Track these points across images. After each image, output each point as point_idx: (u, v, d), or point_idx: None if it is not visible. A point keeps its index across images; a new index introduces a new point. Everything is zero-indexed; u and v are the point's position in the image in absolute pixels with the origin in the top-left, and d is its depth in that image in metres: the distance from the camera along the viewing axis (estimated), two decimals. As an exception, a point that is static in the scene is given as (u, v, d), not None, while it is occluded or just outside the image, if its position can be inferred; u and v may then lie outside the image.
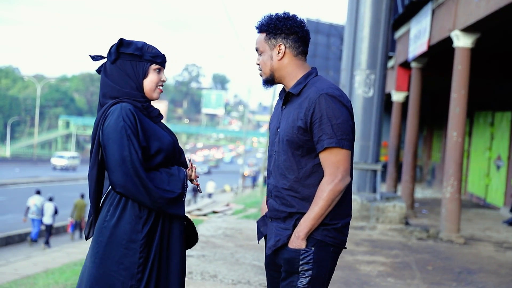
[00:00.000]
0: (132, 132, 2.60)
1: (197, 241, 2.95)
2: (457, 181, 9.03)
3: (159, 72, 2.81)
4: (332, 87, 2.60)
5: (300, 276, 2.57)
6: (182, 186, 2.73)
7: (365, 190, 9.81)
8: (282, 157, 2.64)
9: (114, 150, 2.59)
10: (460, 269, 7.04)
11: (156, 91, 2.82)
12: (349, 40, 10.01)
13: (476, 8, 8.30)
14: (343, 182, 2.55)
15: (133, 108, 2.67)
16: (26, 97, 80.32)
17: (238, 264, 6.44)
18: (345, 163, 2.57)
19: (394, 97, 14.68)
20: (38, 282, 8.35)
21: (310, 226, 2.55)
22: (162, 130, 2.78)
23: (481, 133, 16.53)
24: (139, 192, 2.58)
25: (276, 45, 2.67)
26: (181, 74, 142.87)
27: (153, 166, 2.69)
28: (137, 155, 2.58)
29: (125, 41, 2.76)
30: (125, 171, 2.57)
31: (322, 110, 2.54)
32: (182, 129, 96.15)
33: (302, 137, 2.58)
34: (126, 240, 2.63)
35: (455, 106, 9.02)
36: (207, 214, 11.61)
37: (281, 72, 2.70)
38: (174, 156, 2.80)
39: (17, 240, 17.11)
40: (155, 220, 2.68)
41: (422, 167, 23.79)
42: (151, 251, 2.66)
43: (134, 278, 2.62)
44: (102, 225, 2.67)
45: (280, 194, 2.65)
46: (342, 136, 2.55)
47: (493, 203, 14.85)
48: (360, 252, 7.57)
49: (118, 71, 2.73)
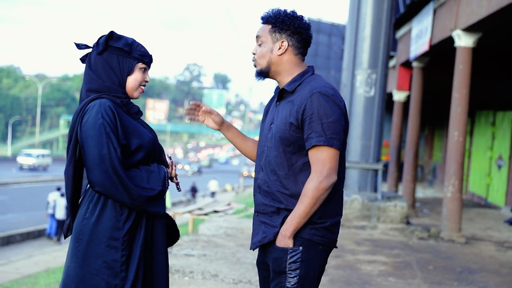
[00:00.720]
0: (111, 130, 2.55)
1: (178, 238, 2.92)
2: (458, 181, 9.03)
3: (144, 72, 2.77)
4: (326, 86, 2.59)
5: (288, 276, 2.56)
6: (163, 183, 2.69)
7: (366, 189, 9.81)
8: (274, 153, 2.64)
9: (92, 148, 2.53)
10: (461, 269, 7.04)
11: (138, 90, 2.77)
12: (350, 39, 10.00)
13: (478, 7, 8.30)
14: (328, 180, 2.53)
15: (112, 104, 2.62)
16: (27, 96, 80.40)
17: (239, 264, 6.44)
18: (332, 162, 2.54)
19: (396, 97, 14.68)
20: (39, 281, 8.36)
21: (296, 224, 2.53)
22: (142, 127, 2.73)
23: (482, 132, 16.52)
24: (118, 190, 2.54)
25: (279, 39, 2.68)
26: (183, 74, 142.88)
27: (134, 163, 2.65)
28: (116, 153, 2.53)
29: (116, 34, 2.72)
30: (103, 169, 2.52)
31: (314, 108, 2.53)
32: (183, 128, 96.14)
33: (293, 134, 2.58)
34: (107, 237, 2.58)
35: (457, 105, 9.02)
36: (208, 214, 11.61)
37: (278, 67, 2.70)
38: (155, 153, 2.76)
39: (19, 239, 17.12)
40: (137, 218, 2.63)
41: (423, 166, 23.78)
42: (134, 249, 2.61)
43: (117, 277, 2.57)
44: (81, 223, 2.62)
45: (270, 190, 2.64)
46: (331, 135, 2.53)
47: (494, 203, 14.85)
48: (361, 252, 7.57)
49: (103, 63, 2.69)
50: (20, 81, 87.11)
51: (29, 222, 18.95)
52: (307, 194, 2.52)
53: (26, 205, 23.36)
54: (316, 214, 2.56)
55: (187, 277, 5.73)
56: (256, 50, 2.74)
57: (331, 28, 24.76)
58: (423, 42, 11.23)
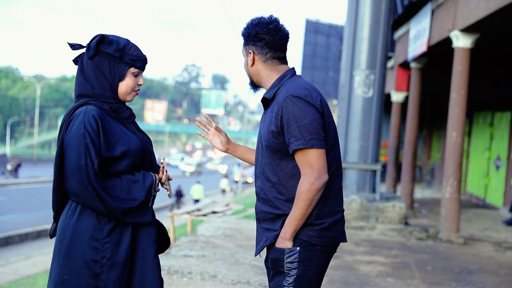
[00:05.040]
0: (91, 140, 2.52)
1: (168, 246, 2.90)
2: (457, 181, 9.04)
3: (137, 76, 2.72)
4: (300, 87, 2.59)
5: (285, 275, 2.59)
6: (147, 193, 2.64)
7: (365, 190, 9.82)
8: (265, 160, 2.68)
9: (71, 157, 2.51)
10: (459, 269, 7.05)
11: (131, 94, 2.73)
12: (348, 40, 10.02)
13: (476, 8, 8.32)
14: (318, 180, 2.54)
15: (99, 111, 2.57)
16: (26, 97, 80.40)
17: (238, 264, 6.45)
18: (319, 162, 2.55)
19: (394, 97, 14.69)
20: (38, 282, 8.35)
21: (294, 226, 2.56)
22: (130, 133, 2.67)
23: (480, 133, 16.54)
24: (93, 201, 2.51)
25: (247, 52, 2.74)
26: (181, 75, 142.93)
27: (119, 171, 2.61)
28: (92, 165, 2.50)
29: (107, 38, 2.66)
30: (80, 179, 2.49)
31: (289, 112, 2.54)
32: (181, 129, 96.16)
33: (276, 141, 2.60)
34: (87, 237, 2.56)
35: (455, 106, 9.04)
36: (207, 214, 11.60)
37: (256, 77, 2.76)
38: (145, 159, 2.72)
39: (17, 240, 17.11)
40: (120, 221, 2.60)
41: (421, 167, 23.80)
42: (119, 252, 2.58)
43: (98, 278, 2.55)
44: (63, 222, 2.61)
45: (267, 197, 2.68)
46: (310, 136, 2.53)
47: (492, 203, 14.86)
48: (359, 252, 7.58)
49: (94, 68, 2.64)
50: (18, 82, 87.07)
51: (28, 223, 18.91)
52: (301, 197, 2.54)
53: (25, 206, 23.32)
54: (312, 215, 2.58)
55: (185, 277, 5.74)
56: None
57: (329, 29, 24.77)
58: (421, 43, 11.25)
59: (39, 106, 73.10)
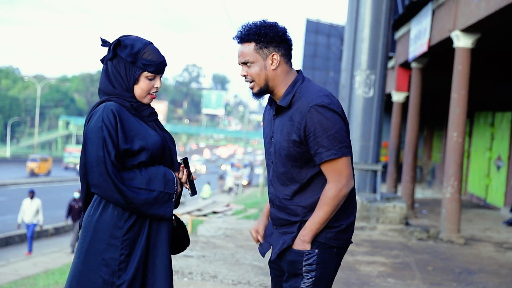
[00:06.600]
0: (109, 133, 2.58)
1: (188, 244, 2.92)
2: (457, 182, 9.03)
3: (153, 79, 2.74)
4: (320, 95, 2.56)
5: (304, 277, 2.59)
6: (166, 185, 2.67)
7: (365, 190, 9.81)
8: (282, 169, 2.64)
9: (90, 150, 2.59)
10: (460, 270, 7.04)
11: (147, 97, 2.75)
12: (349, 40, 10.00)
13: (476, 8, 8.30)
14: (347, 187, 2.57)
15: (118, 107, 2.65)
16: (26, 97, 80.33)
17: (238, 265, 6.44)
18: (347, 169, 2.58)
19: (394, 98, 14.68)
20: (38, 282, 8.35)
21: (315, 230, 2.57)
22: (150, 129, 2.72)
23: (481, 133, 16.52)
24: (113, 193, 2.57)
25: (269, 54, 2.61)
26: (181, 75, 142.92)
27: (136, 164, 2.66)
28: (109, 156, 2.56)
29: (123, 42, 2.70)
30: (99, 171, 2.57)
31: (315, 122, 2.52)
32: (182, 129, 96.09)
33: (298, 150, 2.58)
34: (107, 235, 2.61)
35: (455, 106, 9.02)
36: (207, 215, 11.59)
37: (274, 81, 2.64)
38: (163, 156, 2.75)
39: (17, 240, 17.11)
40: (140, 218, 2.64)
41: (422, 167, 23.78)
42: (135, 249, 2.63)
43: (115, 275, 2.60)
44: (87, 219, 2.67)
45: (283, 204, 2.66)
46: (340, 145, 2.53)
47: (493, 204, 14.84)
48: (360, 253, 7.56)
49: (113, 70, 2.71)
50: (19, 82, 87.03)
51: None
52: (327, 202, 2.54)
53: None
54: (332, 218, 2.59)
55: (186, 278, 5.73)
56: (246, 72, 2.65)
57: (330, 29, 24.78)
58: (422, 43, 11.23)
59: (40, 106, 73.09)
